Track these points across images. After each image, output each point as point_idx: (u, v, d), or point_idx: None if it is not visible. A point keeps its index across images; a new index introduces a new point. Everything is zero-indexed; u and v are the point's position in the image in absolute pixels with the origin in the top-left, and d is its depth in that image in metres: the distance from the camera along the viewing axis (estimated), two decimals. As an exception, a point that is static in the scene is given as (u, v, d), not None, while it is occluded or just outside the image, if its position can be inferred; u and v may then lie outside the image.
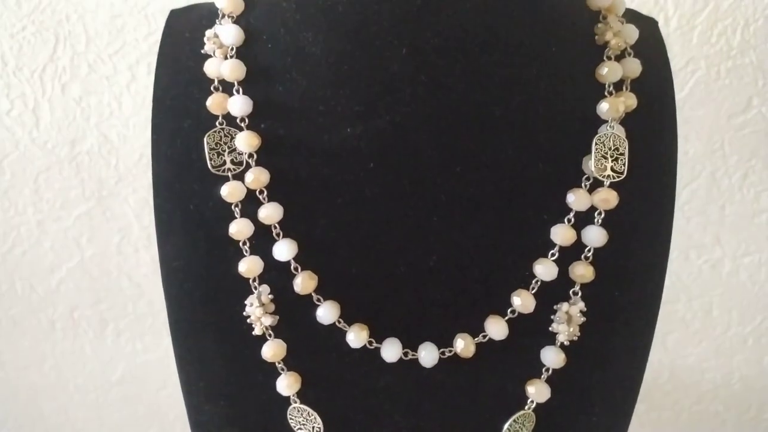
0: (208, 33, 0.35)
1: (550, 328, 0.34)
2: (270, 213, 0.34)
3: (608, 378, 0.36)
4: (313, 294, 0.34)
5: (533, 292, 0.34)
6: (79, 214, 0.79)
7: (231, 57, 0.34)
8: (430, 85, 0.32)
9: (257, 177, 0.34)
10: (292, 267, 0.34)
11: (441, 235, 0.34)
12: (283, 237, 0.34)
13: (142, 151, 0.76)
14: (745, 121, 0.72)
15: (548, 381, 0.35)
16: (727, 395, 0.87)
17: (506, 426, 0.35)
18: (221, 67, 0.34)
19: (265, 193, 0.34)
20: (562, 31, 0.34)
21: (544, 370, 0.35)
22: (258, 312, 0.34)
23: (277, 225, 0.34)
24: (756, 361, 0.84)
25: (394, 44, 0.32)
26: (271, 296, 0.34)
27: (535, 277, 0.34)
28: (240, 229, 0.34)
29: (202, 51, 0.35)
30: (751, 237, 0.77)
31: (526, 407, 0.35)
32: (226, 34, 0.34)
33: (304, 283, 0.34)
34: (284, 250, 0.34)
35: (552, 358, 0.34)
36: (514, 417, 0.35)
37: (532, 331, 0.35)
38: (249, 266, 0.34)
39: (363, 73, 0.33)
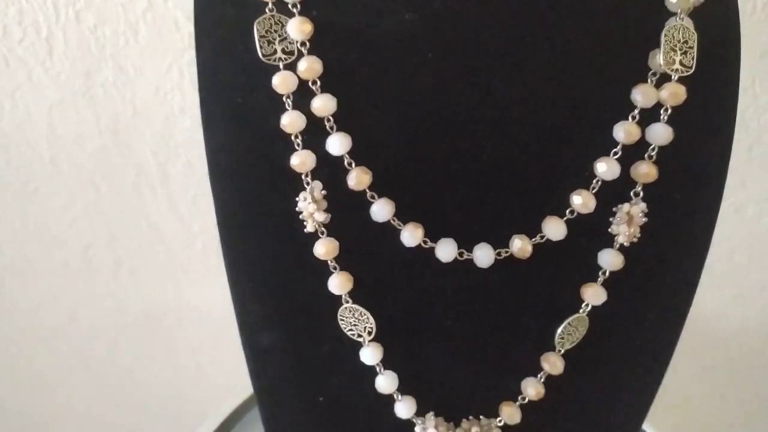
0: None
1: (609, 230, 0.33)
2: (324, 104, 0.32)
3: (665, 283, 0.35)
4: (367, 190, 0.33)
5: (594, 191, 0.33)
6: (93, 149, 0.77)
7: (281, -61, 0.33)
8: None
9: (311, 66, 0.32)
10: (345, 162, 0.33)
11: (497, 130, 0.33)
12: (337, 131, 0.33)
13: (158, 84, 0.73)
14: (777, 59, 0.70)
15: (604, 284, 0.34)
16: (743, 342, 0.87)
17: (559, 329, 0.35)
18: (270, -50, 0.32)
19: (318, 83, 0.33)
20: None
21: (600, 272, 0.34)
22: (311, 208, 0.33)
23: (330, 117, 0.33)
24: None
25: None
26: (324, 192, 0.33)
27: (595, 176, 0.33)
28: (292, 120, 0.32)
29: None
30: (777, 181, 0.77)
31: (581, 311, 0.35)
32: None
33: (358, 177, 0.33)
34: (338, 143, 0.32)
35: (610, 260, 0.34)
36: (568, 320, 0.34)
37: (590, 232, 0.34)
38: (302, 159, 0.32)
39: (420, -45, 0.31)
